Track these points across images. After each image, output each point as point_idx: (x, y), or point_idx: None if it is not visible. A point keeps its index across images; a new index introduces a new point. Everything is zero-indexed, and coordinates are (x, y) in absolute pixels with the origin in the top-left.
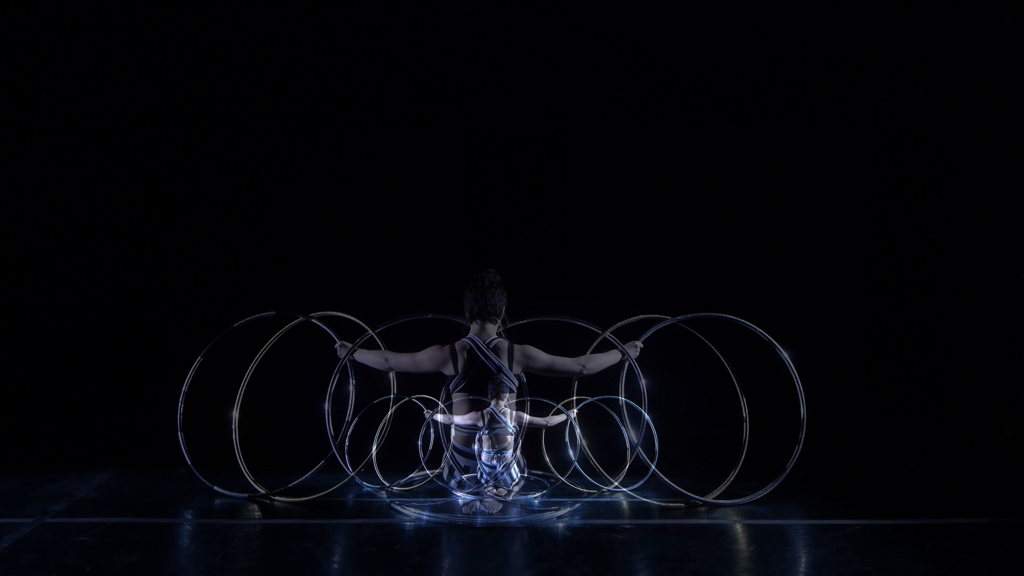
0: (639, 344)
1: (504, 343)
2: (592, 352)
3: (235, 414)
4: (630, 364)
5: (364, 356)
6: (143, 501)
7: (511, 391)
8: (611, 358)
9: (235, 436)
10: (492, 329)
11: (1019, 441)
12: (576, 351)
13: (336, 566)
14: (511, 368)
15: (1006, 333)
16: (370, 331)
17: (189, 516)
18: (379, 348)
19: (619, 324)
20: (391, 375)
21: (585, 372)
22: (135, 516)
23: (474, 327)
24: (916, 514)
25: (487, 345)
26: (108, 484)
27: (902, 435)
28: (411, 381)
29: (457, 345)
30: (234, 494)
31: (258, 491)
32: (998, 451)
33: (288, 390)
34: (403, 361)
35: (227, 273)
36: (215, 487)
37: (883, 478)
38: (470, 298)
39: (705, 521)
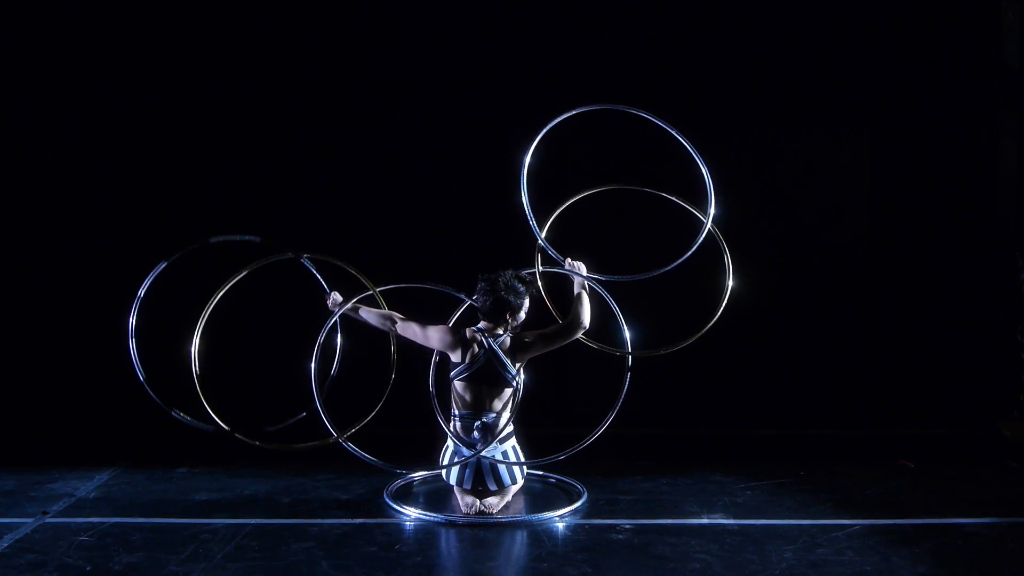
0: (572, 262)
1: (508, 340)
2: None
3: (195, 341)
4: (591, 284)
5: (368, 313)
6: (143, 501)
7: (509, 386)
8: (583, 296)
9: (194, 366)
10: (502, 326)
11: (1019, 441)
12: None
13: (336, 566)
14: (514, 366)
15: (1006, 333)
16: (373, 289)
17: (189, 516)
18: (380, 307)
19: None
20: (391, 339)
21: (586, 324)
22: (135, 516)
23: (484, 322)
24: (916, 514)
25: (496, 342)
26: (108, 484)
27: (902, 435)
28: (406, 351)
29: (467, 332)
30: (194, 422)
31: (222, 427)
32: (998, 451)
33: (270, 344)
34: (412, 329)
35: (228, 272)
36: (173, 411)
37: (883, 478)
38: (481, 295)
39: (705, 521)
